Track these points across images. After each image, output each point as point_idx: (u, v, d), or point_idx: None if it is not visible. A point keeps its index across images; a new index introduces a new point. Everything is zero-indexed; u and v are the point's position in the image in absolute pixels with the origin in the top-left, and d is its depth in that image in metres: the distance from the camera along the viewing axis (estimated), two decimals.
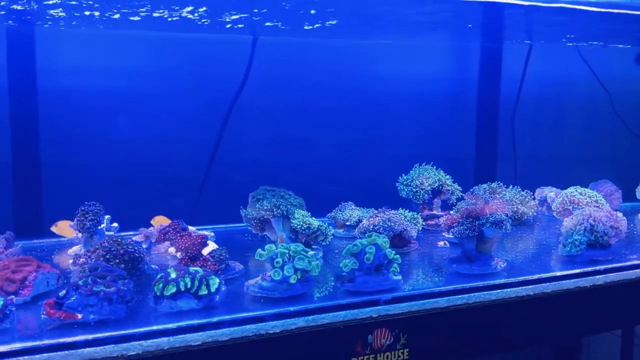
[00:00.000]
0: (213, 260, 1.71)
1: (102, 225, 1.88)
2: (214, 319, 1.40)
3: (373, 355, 1.53)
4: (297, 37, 2.62)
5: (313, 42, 2.70)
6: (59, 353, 1.26)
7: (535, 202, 2.49)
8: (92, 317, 1.36)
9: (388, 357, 1.55)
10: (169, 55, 2.54)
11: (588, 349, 2.99)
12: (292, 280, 1.53)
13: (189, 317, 1.41)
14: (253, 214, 1.96)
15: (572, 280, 1.79)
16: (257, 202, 1.97)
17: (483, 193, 2.11)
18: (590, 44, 3.03)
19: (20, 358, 1.24)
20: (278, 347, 1.44)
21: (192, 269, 1.50)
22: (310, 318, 1.47)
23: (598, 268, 1.85)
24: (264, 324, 1.43)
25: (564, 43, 2.98)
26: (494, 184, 2.34)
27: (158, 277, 1.47)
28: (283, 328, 1.44)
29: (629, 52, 3.26)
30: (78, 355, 1.27)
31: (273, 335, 1.43)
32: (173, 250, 1.90)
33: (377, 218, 1.99)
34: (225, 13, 2.01)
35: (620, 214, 2.02)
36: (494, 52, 3.03)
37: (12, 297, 1.40)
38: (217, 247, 1.80)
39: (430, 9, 1.99)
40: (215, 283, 1.49)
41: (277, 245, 1.59)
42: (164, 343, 1.33)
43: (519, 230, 2.34)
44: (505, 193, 2.37)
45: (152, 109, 2.53)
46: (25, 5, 1.85)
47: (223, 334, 1.38)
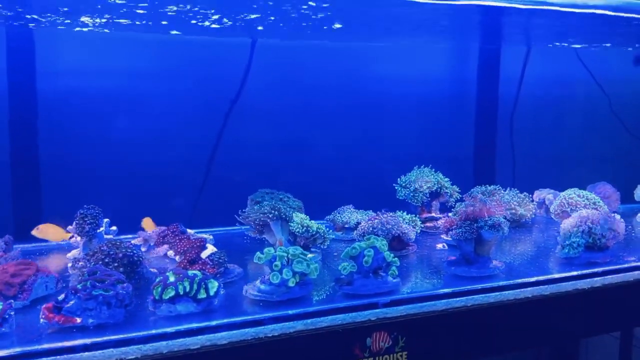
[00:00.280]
0: (212, 264, 1.71)
1: (100, 229, 1.88)
2: (213, 323, 1.41)
3: (372, 358, 1.53)
4: (297, 39, 2.62)
5: (313, 43, 2.70)
6: (58, 357, 1.26)
7: (534, 204, 2.49)
8: (91, 321, 1.36)
9: None
10: (169, 57, 2.54)
11: (586, 351, 3.00)
12: (290, 284, 1.54)
13: (188, 320, 1.41)
14: (252, 217, 1.97)
15: (570, 283, 1.80)
16: (255, 204, 1.98)
17: (481, 196, 2.11)
18: (589, 46, 3.03)
19: None
20: (277, 350, 1.44)
21: (190, 273, 1.50)
22: (309, 321, 1.48)
23: (596, 270, 1.86)
24: (263, 328, 1.43)
25: (562, 45, 2.98)
26: (491, 187, 2.35)
27: (157, 280, 1.48)
28: (282, 331, 1.45)
29: (628, 53, 3.26)
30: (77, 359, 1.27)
31: (272, 339, 1.43)
32: (172, 254, 1.90)
33: (375, 220, 2.00)
34: (226, 15, 2.01)
35: (618, 216, 2.02)
36: (493, 53, 3.04)
37: (10, 301, 1.40)
38: (215, 250, 1.80)
39: (430, 12, 2.00)
40: (214, 286, 1.49)
41: (275, 249, 1.60)
42: (163, 347, 1.34)
43: (517, 233, 2.34)
44: (504, 195, 2.38)
45: (151, 111, 2.53)
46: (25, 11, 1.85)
47: (222, 338, 1.39)
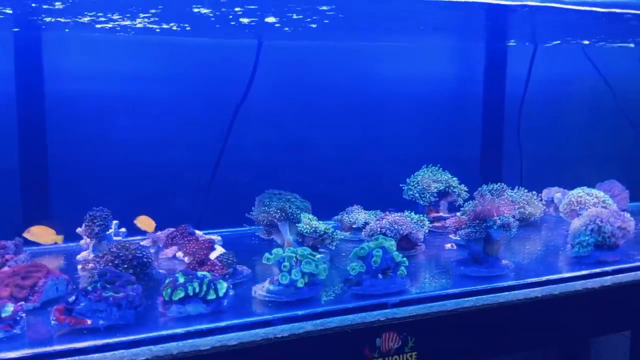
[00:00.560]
0: (221, 265, 1.72)
1: (110, 231, 1.89)
2: (223, 324, 1.41)
3: (381, 359, 1.53)
4: (302, 40, 2.62)
5: (319, 44, 2.70)
6: (69, 359, 1.27)
7: (542, 203, 2.48)
8: (101, 322, 1.37)
9: None
10: (176, 59, 2.55)
11: (596, 350, 2.98)
12: (299, 284, 1.54)
13: (198, 321, 1.42)
14: (260, 218, 1.97)
15: (580, 282, 1.79)
16: (263, 206, 1.98)
17: (490, 194, 2.10)
18: (596, 44, 3.01)
19: None
20: (286, 351, 1.44)
21: (200, 274, 1.50)
22: (318, 322, 1.48)
23: (606, 269, 1.85)
24: (272, 328, 1.43)
25: (569, 42, 2.97)
26: (497, 185, 2.33)
27: (166, 282, 1.48)
28: (291, 332, 1.45)
29: (635, 51, 3.24)
30: None
31: (281, 340, 1.43)
32: (181, 255, 1.91)
33: (383, 221, 1.99)
34: (231, 16, 2.01)
35: (628, 215, 2.01)
36: (499, 52, 3.03)
37: (22, 303, 1.41)
38: (224, 251, 1.81)
39: (436, 12, 2.00)
40: (223, 287, 1.49)
41: (284, 249, 1.60)
42: (173, 348, 1.34)
43: (526, 232, 2.33)
44: (512, 194, 2.37)
45: (159, 113, 2.55)
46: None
47: (232, 339, 1.39)
